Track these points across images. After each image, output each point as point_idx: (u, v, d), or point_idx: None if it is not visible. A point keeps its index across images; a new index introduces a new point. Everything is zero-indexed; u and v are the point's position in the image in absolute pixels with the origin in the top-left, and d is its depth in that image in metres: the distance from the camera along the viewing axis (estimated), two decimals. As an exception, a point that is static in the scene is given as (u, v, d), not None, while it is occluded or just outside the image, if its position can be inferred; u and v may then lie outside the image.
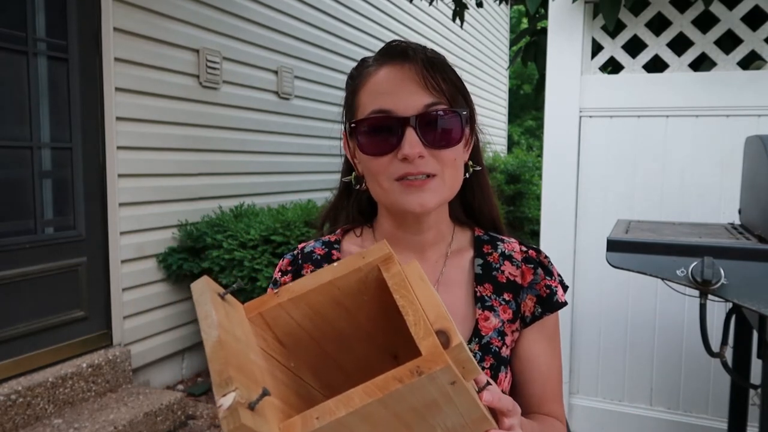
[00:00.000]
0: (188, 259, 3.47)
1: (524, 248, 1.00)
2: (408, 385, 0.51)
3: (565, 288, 1.00)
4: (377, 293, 0.62)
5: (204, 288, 0.58)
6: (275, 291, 0.63)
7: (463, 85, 0.94)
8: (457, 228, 1.02)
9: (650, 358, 2.46)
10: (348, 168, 1.00)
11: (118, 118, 3.17)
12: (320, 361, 0.69)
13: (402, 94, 0.87)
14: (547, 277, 0.98)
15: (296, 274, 0.99)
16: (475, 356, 0.91)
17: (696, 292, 1.44)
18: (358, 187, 0.98)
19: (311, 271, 0.98)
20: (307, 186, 4.81)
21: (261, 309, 0.63)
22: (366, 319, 0.66)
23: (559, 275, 1.01)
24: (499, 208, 1.05)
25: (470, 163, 0.97)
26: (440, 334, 0.53)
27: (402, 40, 0.94)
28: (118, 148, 3.17)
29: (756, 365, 1.78)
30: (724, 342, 1.72)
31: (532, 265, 0.98)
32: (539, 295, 0.97)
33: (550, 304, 0.96)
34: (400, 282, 0.58)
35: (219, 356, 0.51)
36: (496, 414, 0.68)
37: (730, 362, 1.90)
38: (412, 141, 0.85)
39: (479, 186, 1.01)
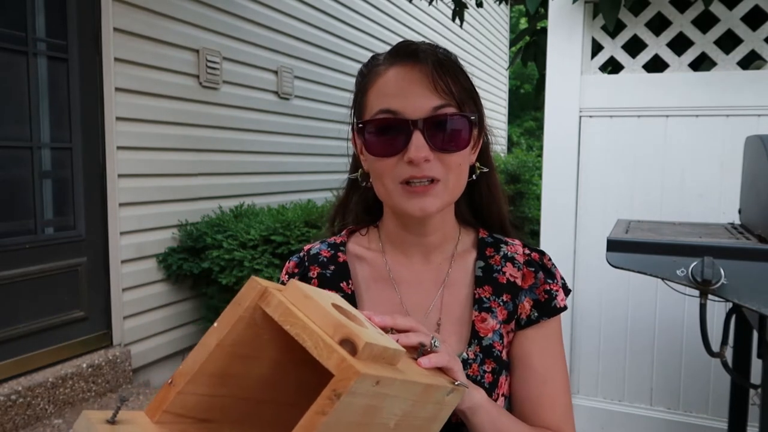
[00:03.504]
0: (188, 259, 3.47)
1: (527, 251, 1.00)
2: (332, 413, 0.49)
3: (567, 292, 0.98)
4: (276, 326, 0.59)
5: (86, 424, 0.54)
6: (169, 381, 0.60)
7: (474, 87, 0.93)
8: (462, 229, 1.02)
9: (650, 358, 2.46)
10: (356, 165, 1.00)
11: (118, 118, 3.17)
12: (259, 411, 0.67)
13: (410, 96, 0.86)
14: (549, 281, 0.96)
15: (303, 277, 0.99)
16: (475, 359, 0.91)
17: (696, 292, 1.44)
18: (364, 184, 0.97)
19: (318, 273, 0.97)
20: (307, 186, 4.82)
21: (163, 407, 0.59)
22: (282, 353, 0.63)
23: (562, 279, 0.99)
24: (507, 208, 1.04)
25: (477, 164, 0.96)
26: (344, 344, 0.52)
27: (412, 40, 0.93)
28: (118, 148, 3.18)
29: (756, 365, 1.78)
30: (724, 342, 1.72)
31: (534, 269, 0.97)
32: (537, 299, 0.95)
33: (547, 308, 0.95)
34: (284, 311, 0.55)
35: None
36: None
37: (730, 362, 1.90)
38: (418, 144, 0.84)
39: (488, 187, 1.01)
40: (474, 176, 0.96)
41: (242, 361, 0.61)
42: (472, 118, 0.89)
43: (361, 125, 0.90)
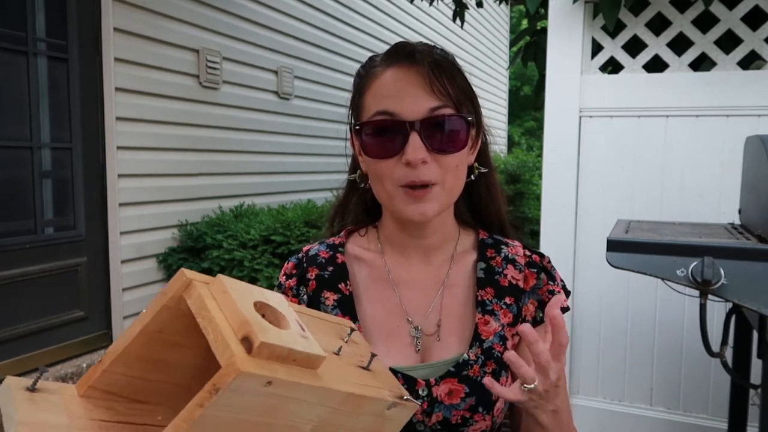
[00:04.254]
0: (188, 259, 3.47)
1: (528, 252, 1.00)
2: (210, 407, 0.49)
3: (567, 293, 0.99)
4: None
5: (5, 389, 0.55)
6: (100, 360, 0.63)
7: (471, 88, 0.93)
8: (462, 230, 1.01)
9: (650, 358, 2.46)
10: (354, 165, 1.00)
11: (118, 118, 3.17)
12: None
13: (407, 98, 0.86)
14: (550, 282, 0.97)
15: (301, 278, 0.98)
16: (476, 360, 0.91)
17: (696, 292, 1.44)
18: (362, 185, 0.97)
19: (316, 275, 0.97)
20: (307, 186, 4.82)
21: (89, 382, 0.61)
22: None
23: (562, 280, 1.00)
24: (506, 208, 1.04)
25: (476, 164, 0.96)
26: (244, 342, 0.52)
27: (409, 41, 0.93)
28: (118, 148, 3.18)
29: (756, 365, 1.78)
30: (724, 342, 1.72)
31: (535, 270, 0.97)
32: (541, 300, 0.96)
33: None
34: (200, 304, 0.56)
35: None
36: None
37: (730, 362, 1.90)
38: (415, 146, 0.84)
39: (486, 187, 1.00)
40: (473, 176, 0.96)
41: (175, 349, 0.62)
42: (470, 118, 0.89)
43: (358, 127, 0.90)
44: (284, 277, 1.00)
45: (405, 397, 0.67)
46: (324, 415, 0.59)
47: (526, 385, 0.73)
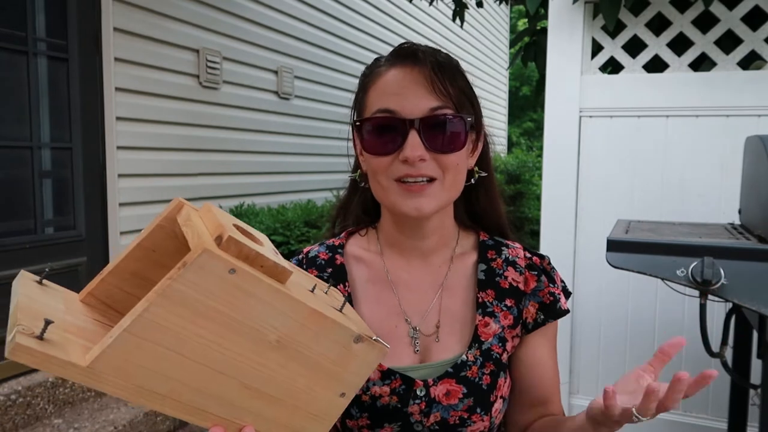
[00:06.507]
0: (188, 259, 3.47)
1: (528, 254, 1.00)
2: (178, 279, 0.52)
3: (567, 295, 1.00)
4: None
5: (19, 276, 0.62)
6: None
7: (472, 91, 0.93)
8: (462, 232, 1.02)
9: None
10: (357, 165, 1.00)
11: (118, 118, 3.17)
12: None
13: (408, 96, 0.87)
14: (551, 285, 0.97)
15: None
16: (475, 362, 0.91)
17: (696, 292, 1.44)
18: (362, 184, 0.98)
19: (315, 276, 0.97)
20: (307, 186, 4.82)
21: (88, 290, 0.65)
22: None
23: (562, 281, 1.00)
24: (505, 213, 1.05)
25: (476, 168, 0.96)
26: (217, 239, 0.55)
27: (413, 42, 0.94)
28: (118, 148, 3.18)
29: (756, 365, 1.78)
30: (724, 342, 1.72)
31: (536, 272, 0.98)
32: (542, 302, 0.96)
33: (553, 311, 0.96)
34: (187, 217, 0.61)
35: (13, 315, 0.52)
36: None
37: (730, 362, 1.90)
38: (414, 144, 0.85)
39: (485, 191, 1.01)
40: (473, 180, 0.96)
41: (166, 272, 0.65)
42: (469, 119, 0.89)
43: (359, 123, 0.91)
44: None
45: (374, 338, 0.66)
46: (289, 328, 0.60)
47: (639, 416, 0.72)
